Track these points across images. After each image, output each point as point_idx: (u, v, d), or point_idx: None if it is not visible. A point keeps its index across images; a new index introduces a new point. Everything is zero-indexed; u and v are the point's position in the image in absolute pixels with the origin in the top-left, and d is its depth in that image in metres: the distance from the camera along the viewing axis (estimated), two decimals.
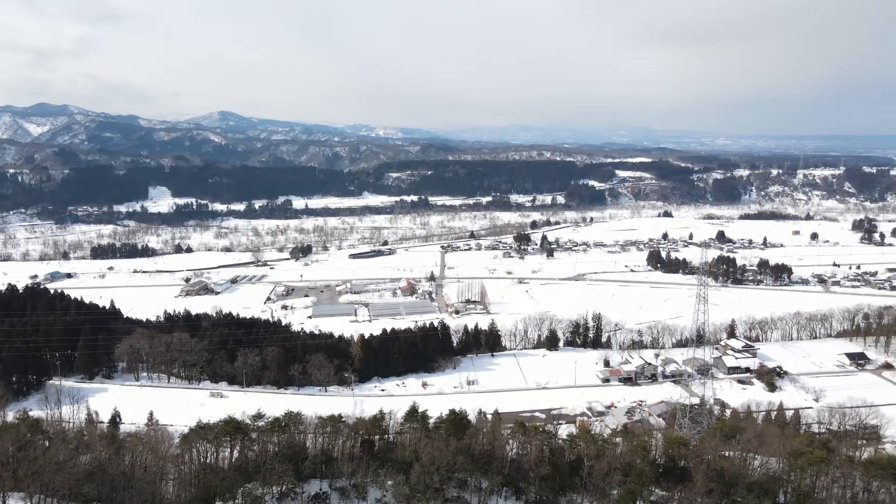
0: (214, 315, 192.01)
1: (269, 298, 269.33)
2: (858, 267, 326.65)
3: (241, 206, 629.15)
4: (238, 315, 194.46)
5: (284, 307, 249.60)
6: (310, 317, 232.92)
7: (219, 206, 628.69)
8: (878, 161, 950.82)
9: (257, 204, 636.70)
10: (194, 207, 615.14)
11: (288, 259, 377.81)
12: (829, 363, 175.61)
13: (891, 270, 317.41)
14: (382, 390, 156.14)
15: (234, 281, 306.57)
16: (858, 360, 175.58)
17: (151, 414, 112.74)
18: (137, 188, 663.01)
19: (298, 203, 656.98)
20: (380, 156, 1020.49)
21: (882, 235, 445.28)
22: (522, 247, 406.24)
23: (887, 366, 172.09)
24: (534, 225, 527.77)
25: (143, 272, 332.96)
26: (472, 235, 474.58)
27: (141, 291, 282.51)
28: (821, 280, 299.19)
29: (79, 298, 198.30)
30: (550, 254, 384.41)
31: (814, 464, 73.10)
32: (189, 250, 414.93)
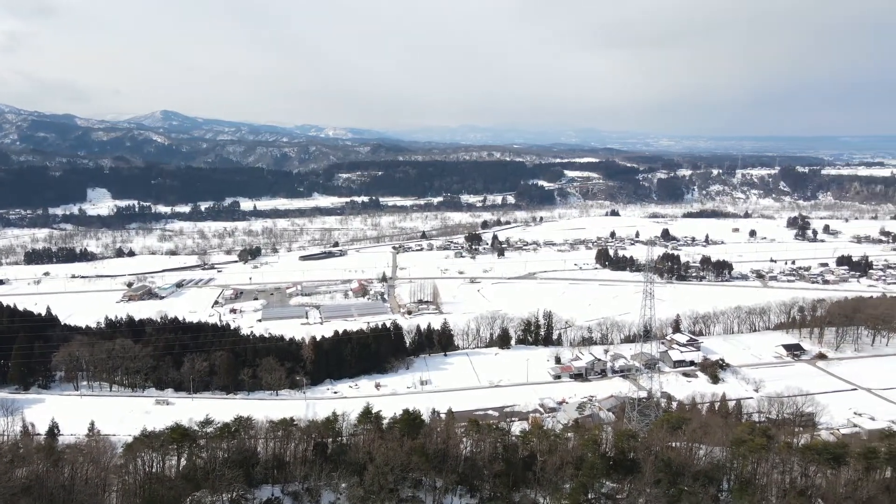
0: (159, 320, 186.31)
1: (216, 302, 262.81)
2: (793, 262, 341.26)
3: (186, 209, 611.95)
4: (184, 320, 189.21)
5: (233, 311, 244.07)
6: (259, 320, 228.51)
7: (163, 209, 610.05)
8: (810, 161, 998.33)
9: (203, 206, 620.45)
10: (136, 210, 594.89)
11: (236, 262, 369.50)
12: (768, 355, 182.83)
13: (822, 265, 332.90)
14: (335, 392, 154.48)
15: (179, 285, 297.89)
16: (794, 351, 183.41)
17: (93, 424, 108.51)
18: (75, 190, 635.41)
19: (246, 205, 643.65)
20: (330, 156, 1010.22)
21: (815, 232, 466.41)
22: (474, 246, 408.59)
23: (821, 356, 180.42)
24: (485, 225, 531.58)
25: (82, 277, 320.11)
26: (424, 236, 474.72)
27: (80, 297, 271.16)
28: (759, 275, 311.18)
29: (12, 306, 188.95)
30: (501, 253, 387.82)
31: (755, 451, 76.06)
32: (131, 254, 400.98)
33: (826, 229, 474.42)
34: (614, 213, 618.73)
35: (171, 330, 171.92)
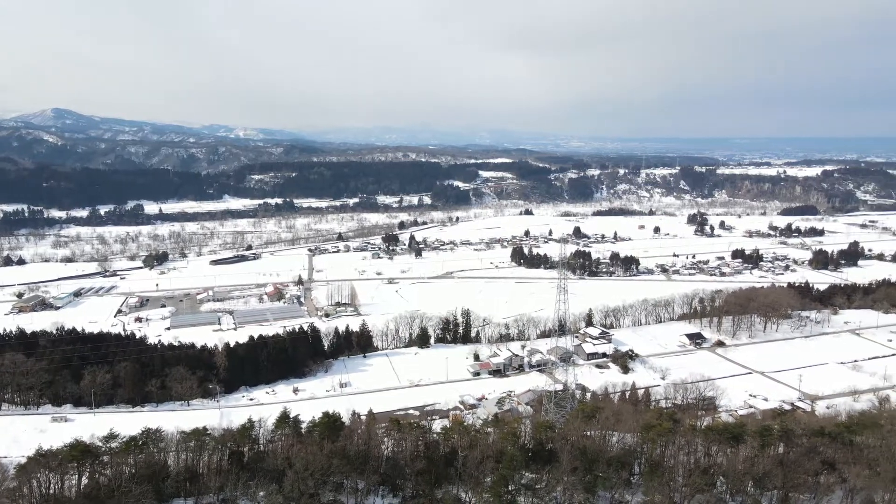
0: (55, 332, 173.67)
1: (120, 311, 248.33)
2: (694, 256, 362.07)
3: (83, 213, 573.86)
4: (84, 330, 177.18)
5: (138, 319, 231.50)
6: (168, 328, 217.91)
7: (57, 213, 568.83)
8: (707, 161, 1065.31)
9: (103, 210, 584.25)
10: (26, 214, 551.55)
11: (141, 268, 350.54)
12: (673, 344, 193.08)
13: (720, 259, 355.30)
14: (251, 399, 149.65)
15: (77, 294, 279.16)
16: (696, 339, 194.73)
17: None
18: None
19: (151, 208, 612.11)
20: (240, 157, 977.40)
21: (712, 228, 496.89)
22: (391, 247, 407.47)
23: (720, 343, 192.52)
24: (402, 225, 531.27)
25: None
26: (340, 237, 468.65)
27: None
28: (663, 269, 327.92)
29: None
30: (419, 253, 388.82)
31: (662, 435, 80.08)
32: (21, 262, 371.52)
33: (722, 225, 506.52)
34: (528, 213, 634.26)
35: (69, 341, 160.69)
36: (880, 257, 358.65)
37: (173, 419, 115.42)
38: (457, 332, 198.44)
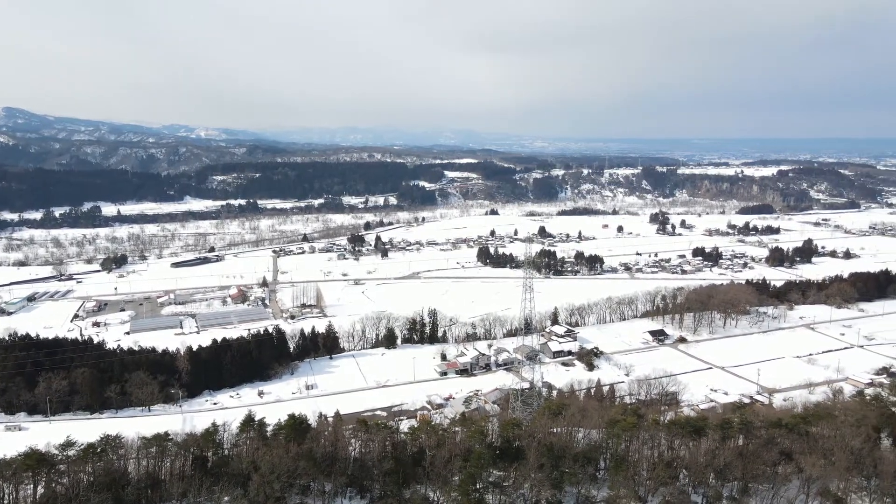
0: (7, 338, 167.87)
1: (76, 315, 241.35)
2: (656, 255, 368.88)
3: (37, 215, 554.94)
4: (38, 336, 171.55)
5: (96, 324, 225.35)
6: (128, 332, 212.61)
7: (8, 215, 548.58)
8: (668, 162, 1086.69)
9: (58, 212, 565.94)
10: None
11: (99, 271, 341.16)
12: (637, 341, 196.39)
13: (681, 257, 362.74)
14: (215, 403, 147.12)
15: (31, 299, 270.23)
16: (659, 336, 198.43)
17: None
18: None
19: (109, 210, 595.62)
20: (202, 158, 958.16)
21: (673, 226, 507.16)
22: (357, 248, 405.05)
23: (681, 339, 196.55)
24: (367, 226, 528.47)
25: None
26: (306, 238, 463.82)
27: None
28: (627, 268, 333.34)
29: None
30: (385, 254, 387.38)
31: (627, 430, 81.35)
32: None
33: (683, 224, 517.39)
34: (494, 213, 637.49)
35: (22, 348, 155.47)
36: (833, 254, 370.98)
37: (134, 425, 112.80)
38: (424, 332, 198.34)
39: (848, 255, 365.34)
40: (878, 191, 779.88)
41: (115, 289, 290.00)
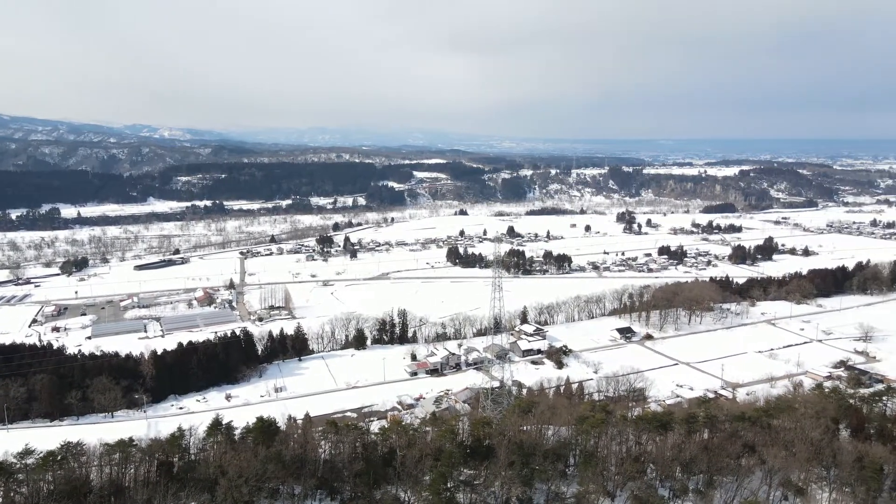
0: None
1: (35, 321, 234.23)
2: (623, 253, 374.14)
3: None
4: None
5: (56, 329, 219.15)
6: (89, 337, 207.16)
7: None
8: (634, 162, 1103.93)
9: (14, 214, 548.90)
10: None
11: (58, 275, 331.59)
12: (604, 338, 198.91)
13: (647, 255, 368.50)
14: (181, 408, 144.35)
15: None
16: (626, 333, 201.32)
17: None
18: None
19: (69, 212, 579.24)
20: (166, 158, 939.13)
21: (639, 225, 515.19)
22: (326, 249, 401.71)
23: (648, 336, 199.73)
24: (336, 227, 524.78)
25: None
26: (273, 240, 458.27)
27: None
28: (594, 267, 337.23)
29: None
30: (354, 255, 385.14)
31: (596, 426, 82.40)
32: None
33: (649, 223, 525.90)
34: (463, 213, 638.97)
35: None
36: (792, 251, 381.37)
37: (96, 432, 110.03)
38: (394, 332, 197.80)
39: (807, 252, 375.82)
40: (834, 190, 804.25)
41: (76, 293, 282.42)
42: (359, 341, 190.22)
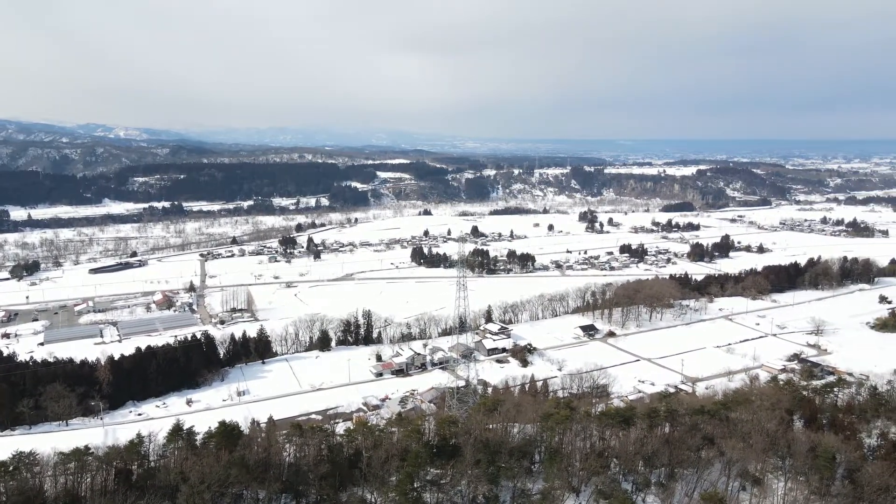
0: None
1: None
2: (585, 252, 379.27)
3: None
4: None
5: (6, 335, 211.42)
6: (41, 343, 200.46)
7: None
8: (595, 161, 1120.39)
9: None
10: None
11: (8, 279, 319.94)
12: (568, 336, 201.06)
13: (609, 253, 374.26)
14: (139, 414, 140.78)
15: None
16: (590, 331, 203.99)
17: None
18: None
19: (18, 214, 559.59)
20: (122, 159, 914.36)
21: (601, 224, 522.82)
22: (289, 250, 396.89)
23: (611, 333, 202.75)
24: (299, 228, 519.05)
25: None
26: (235, 241, 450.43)
27: None
28: (558, 265, 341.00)
29: None
30: (318, 256, 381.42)
31: (560, 422, 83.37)
32: None
33: (610, 222, 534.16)
34: (427, 213, 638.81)
35: None
36: (748, 249, 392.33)
37: (50, 441, 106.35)
38: (358, 333, 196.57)
39: (761, 249, 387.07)
40: (787, 189, 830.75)
41: (27, 297, 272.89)
42: (323, 343, 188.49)
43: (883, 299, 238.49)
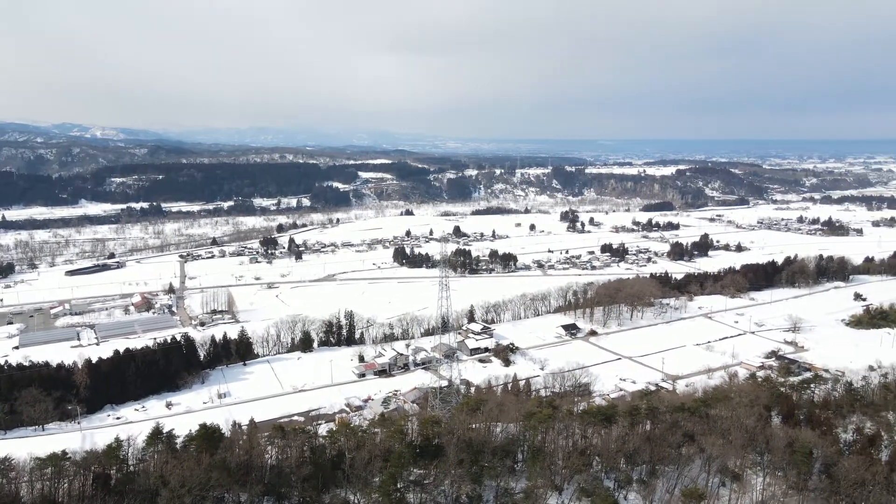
0: None
1: None
2: (567, 252, 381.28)
3: None
4: None
5: None
6: (16, 347, 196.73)
7: None
8: (576, 161, 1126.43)
9: None
10: None
11: None
12: (550, 335, 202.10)
13: (590, 253, 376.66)
14: (118, 418, 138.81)
15: None
16: (571, 330, 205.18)
17: None
18: None
19: None
20: (99, 159, 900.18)
21: (583, 224, 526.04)
22: (270, 251, 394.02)
23: (592, 332, 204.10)
24: (280, 228, 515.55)
25: None
26: (215, 242, 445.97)
27: None
28: (539, 265, 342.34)
29: None
30: (299, 256, 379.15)
31: (543, 421, 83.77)
32: None
33: (591, 221, 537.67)
34: (409, 213, 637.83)
35: None
36: (726, 247, 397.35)
37: (26, 446, 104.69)
38: (341, 334, 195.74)
39: (740, 248, 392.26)
40: (764, 188, 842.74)
41: (1, 300, 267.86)
42: (305, 344, 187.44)
43: (858, 296, 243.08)
